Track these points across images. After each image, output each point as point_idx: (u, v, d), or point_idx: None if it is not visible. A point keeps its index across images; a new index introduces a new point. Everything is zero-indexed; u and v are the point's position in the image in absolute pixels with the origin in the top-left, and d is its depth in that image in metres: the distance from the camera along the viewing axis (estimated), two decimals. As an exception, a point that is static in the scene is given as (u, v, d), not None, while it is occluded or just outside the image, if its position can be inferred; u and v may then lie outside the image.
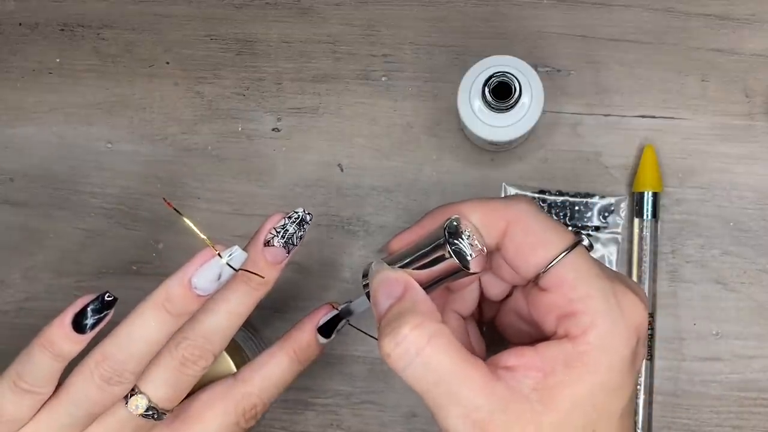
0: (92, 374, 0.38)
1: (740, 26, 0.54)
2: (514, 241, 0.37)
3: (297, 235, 0.40)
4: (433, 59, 0.55)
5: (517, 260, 0.37)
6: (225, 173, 0.56)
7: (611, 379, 0.35)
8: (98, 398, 0.39)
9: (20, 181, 0.57)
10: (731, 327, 0.53)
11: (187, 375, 0.40)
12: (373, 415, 0.55)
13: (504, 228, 0.37)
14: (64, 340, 0.37)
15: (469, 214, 0.38)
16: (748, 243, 0.53)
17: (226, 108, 0.56)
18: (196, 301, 0.38)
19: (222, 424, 0.42)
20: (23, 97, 0.58)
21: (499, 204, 0.38)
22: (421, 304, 0.36)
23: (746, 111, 0.53)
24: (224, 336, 0.41)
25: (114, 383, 0.38)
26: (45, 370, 0.38)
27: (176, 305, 0.37)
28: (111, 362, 0.38)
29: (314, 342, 0.43)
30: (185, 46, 0.57)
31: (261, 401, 0.43)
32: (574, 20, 0.54)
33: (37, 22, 0.58)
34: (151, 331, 0.38)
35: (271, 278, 0.40)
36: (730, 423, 0.53)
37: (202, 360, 0.40)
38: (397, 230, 0.55)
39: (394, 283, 0.37)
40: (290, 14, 0.56)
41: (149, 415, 0.40)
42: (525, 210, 0.37)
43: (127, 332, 0.38)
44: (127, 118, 0.57)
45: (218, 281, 0.37)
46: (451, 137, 0.55)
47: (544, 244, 0.36)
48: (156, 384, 0.40)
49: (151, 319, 0.38)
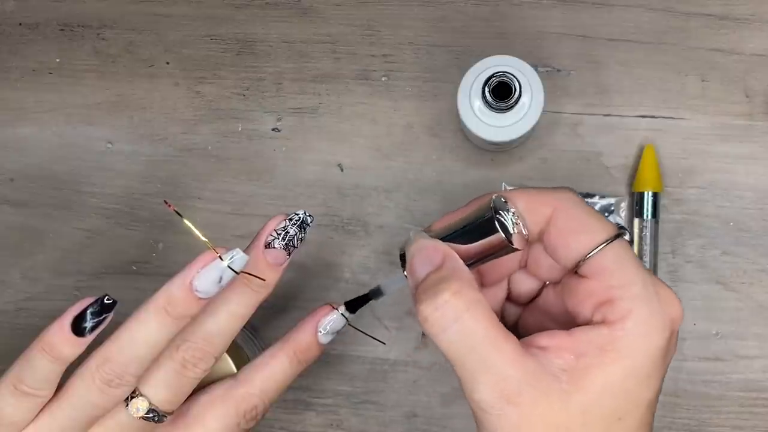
0: (93, 377, 0.38)
1: (740, 26, 0.54)
2: (558, 227, 0.37)
3: (298, 237, 0.40)
4: (433, 59, 0.55)
5: (559, 247, 0.37)
6: (225, 173, 0.56)
7: (644, 367, 0.35)
8: (99, 401, 0.39)
9: (20, 181, 0.57)
10: (731, 327, 0.53)
11: (187, 377, 0.40)
12: (373, 415, 0.55)
13: (549, 214, 0.37)
14: (64, 343, 0.37)
15: (516, 200, 0.38)
16: (748, 243, 0.53)
17: (226, 108, 0.56)
18: (197, 304, 0.38)
19: (223, 426, 0.42)
20: (23, 97, 0.58)
21: (545, 191, 0.38)
22: (461, 272, 0.36)
23: (746, 111, 0.53)
24: (225, 338, 0.41)
25: (115, 386, 0.38)
26: (44, 373, 0.38)
27: (177, 308, 0.37)
28: (112, 365, 0.38)
29: (315, 343, 0.43)
30: (185, 46, 0.57)
31: (262, 402, 0.43)
32: (574, 20, 0.54)
33: (37, 22, 0.58)
34: (153, 333, 0.38)
35: (271, 280, 0.40)
36: (731, 423, 0.53)
37: (202, 362, 0.40)
38: (397, 230, 0.55)
39: (432, 251, 0.37)
40: (290, 14, 0.56)
41: (150, 417, 0.40)
42: (570, 198, 0.37)
43: (128, 335, 0.38)
44: (127, 118, 0.57)
45: (219, 284, 0.37)
46: (451, 137, 0.55)
47: (588, 231, 0.36)
48: (157, 386, 0.40)
49: (152, 322, 0.38)
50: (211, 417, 0.42)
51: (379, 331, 0.54)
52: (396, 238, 0.55)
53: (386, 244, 0.55)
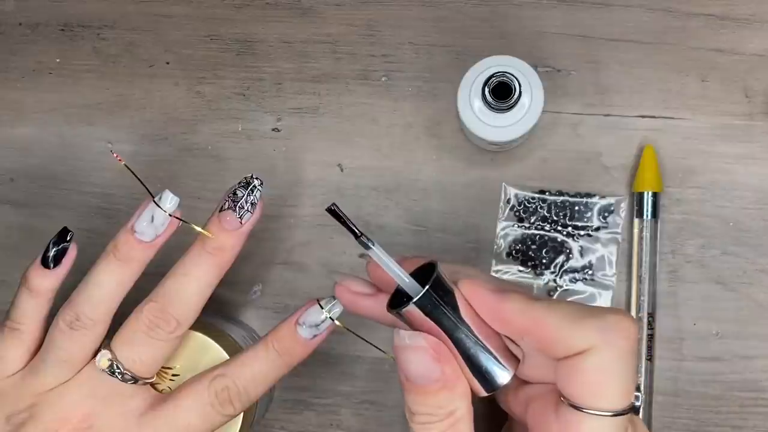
0: (58, 320, 0.43)
1: (740, 26, 0.54)
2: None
3: (247, 200, 0.43)
4: (433, 59, 0.55)
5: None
6: (225, 173, 0.56)
7: None
8: (65, 344, 0.42)
9: (20, 181, 0.57)
10: (731, 327, 0.53)
11: (153, 339, 0.42)
12: (373, 415, 0.55)
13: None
14: (35, 275, 0.43)
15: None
16: (748, 243, 0.53)
17: (226, 108, 0.56)
18: (137, 246, 0.42)
19: (195, 402, 0.42)
20: (23, 97, 0.58)
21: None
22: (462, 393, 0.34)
23: (746, 111, 0.53)
24: (185, 300, 0.43)
25: (76, 327, 0.42)
26: (24, 306, 0.43)
27: (120, 250, 0.42)
28: (71, 305, 0.42)
29: (292, 333, 0.43)
30: (185, 46, 0.57)
31: (234, 384, 0.42)
32: (574, 20, 0.54)
33: (37, 22, 0.58)
34: (101, 275, 0.42)
35: (226, 244, 0.43)
36: (730, 423, 0.53)
37: (164, 323, 0.42)
38: (397, 230, 0.55)
39: (432, 360, 0.33)
40: (290, 14, 0.56)
41: (115, 374, 0.42)
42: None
43: (85, 280, 0.43)
44: (127, 118, 0.57)
45: (152, 224, 0.42)
46: (451, 137, 0.55)
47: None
48: (122, 344, 0.42)
49: (101, 265, 0.43)
50: (184, 393, 0.43)
51: (379, 331, 0.54)
52: (396, 238, 0.55)
53: (386, 244, 0.54)
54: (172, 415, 0.42)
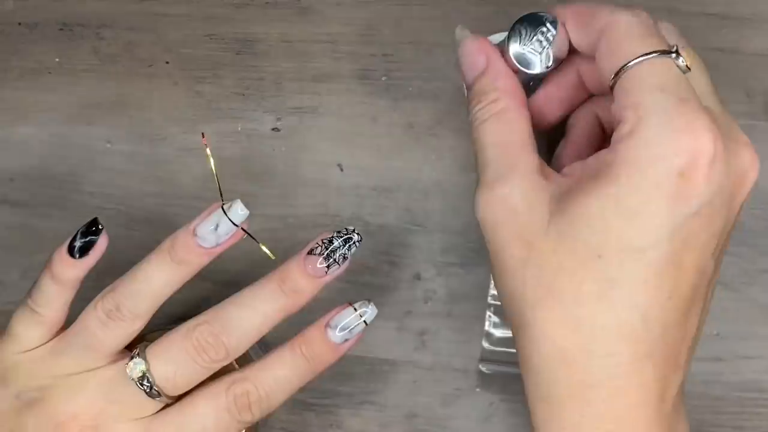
0: (95, 305, 0.41)
1: (741, 26, 0.54)
2: (607, 39, 0.36)
3: (340, 252, 0.41)
4: (433, 59, 0.55)
5: (601, 59, 0.36)
6: (225, 173, 0.56)
7: (630, 202, 0.32)
8: (97, 331, 0.40)
9: (20, 181, 0.57)
10: (731, 327, 0.53)
11: (194, 361, 0.40)
12: (373, 415, 0.55)
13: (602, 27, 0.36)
14: (59, 262, 0.41)
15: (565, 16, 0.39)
16: (748, 243, 0.53)
17: (226, 108, 0.56)
18: (195, 250, 0.40)
19: (213, 408, 0.40)
20: (23, 97, 0.57)
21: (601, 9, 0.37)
22: (505, 77, 0.39)
23: (746, 111, 0.53)
24: (242, 331, 0.40)
25: (113, 317, 0.40)
26: (46, 290, 0.41)
27: (177, 250, 0.40)
28: (113, 294, 0.40)
29: (322, 337, 0.42)
30: (185, 46, 0.57)
31: (255, 389, 0.41)
32: (575, 20, 0.54)
33: (36, 22, 0.58)
34: (152, 270, 0.41)
35: (305, 289, 0.41)
36: (731, 423, 0.53)
37: (212, 349, 0.40)
38: (397, 230, 0.55)
39: (476, 54, 0.40)
40: (290, 14, 0.56)
41: (144, 387, 0.40)
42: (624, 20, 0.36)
43: (133, 271, 0.41)
44: (127, 118, 0.57)
45: (216, 232, 0.40)
46: (451, 137, 0.55)
47: (631, 44, 0.35)
48: (159, 357, 0.40)
49: (153, 261, 0.41)
50: (201, 397, 0.41)
51: (379, 331, 0.54)
52: (396, 238, 0.55)
53: (386, 244, 0.55)
54: (186, 422, 0.40)
